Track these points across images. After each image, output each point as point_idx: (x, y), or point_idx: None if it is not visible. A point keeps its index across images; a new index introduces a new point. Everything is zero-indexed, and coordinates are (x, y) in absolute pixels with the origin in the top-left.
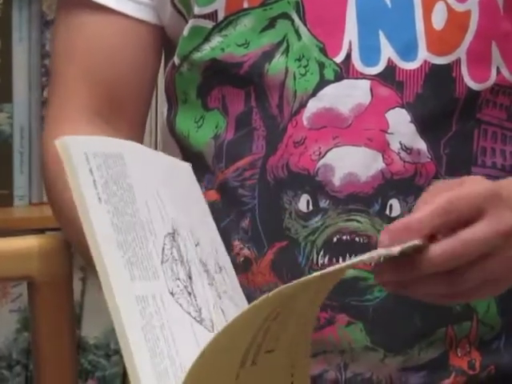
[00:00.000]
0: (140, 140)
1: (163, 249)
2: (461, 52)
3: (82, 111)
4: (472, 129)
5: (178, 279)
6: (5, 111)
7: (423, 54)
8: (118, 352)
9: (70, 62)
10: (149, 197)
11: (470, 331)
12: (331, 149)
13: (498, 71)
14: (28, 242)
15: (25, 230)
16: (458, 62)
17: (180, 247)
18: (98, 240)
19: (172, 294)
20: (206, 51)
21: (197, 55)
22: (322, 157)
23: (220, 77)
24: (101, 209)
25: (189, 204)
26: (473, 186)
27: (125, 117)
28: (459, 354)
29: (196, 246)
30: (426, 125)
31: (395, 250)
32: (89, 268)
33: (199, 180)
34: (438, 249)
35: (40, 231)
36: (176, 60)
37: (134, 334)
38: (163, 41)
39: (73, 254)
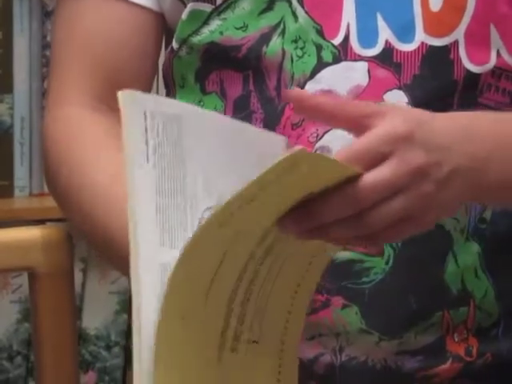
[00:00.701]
0: None
1: (200, 222)
2: (458, 34)
3: (82, 95)
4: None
5: None
6: (5, 102)
7: (420, 36)
8: (118, 343)
9: (70, 48)
10: (200, 166)
11: (467, 317)
12: (329, 131)
13: (499, 54)
14: (29, 233)
15: (25, 220)
16: (455, 43)
17: None
18: (136, 198)
19: None
20: (205, 35)
21: (196, 39)
22: (320, 138)
23: (218, 60)
24: (147, 169)
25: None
26: (381, 129)
27: None
28: (456, 340)
29: None
30: (423, 106)
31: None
32: (90, 259)
33: None
34: (338, 194)
35: (40, 222)
36: (174, 44)
37: (147, 301)
38: (163, 27)
39: (74, 245)
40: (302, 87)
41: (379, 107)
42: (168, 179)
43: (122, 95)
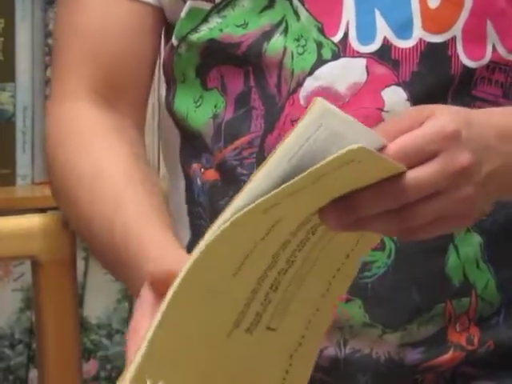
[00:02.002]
0: (141, 121)
1: None
2: (456, 30)
3: (82, 90)
4: (467, 105)
5: None
6: (7, 90)
7: (418, 33)
8: (119, 331)
9: (71, 43)
10: None
11: (469, 307)
12: None
13: (494, 49)
14: (32, 221)
15: (27, 209)
16: (453, 40)
17: None
18: (254, 188)
19: None
20: (204, 32)
21: (195, 36)
22: None
23: (218, 57)
24: (283, 165)
25: None
26: (429, 127)
27: (125, 97)
28: (458, 330)
29: None
30: (422, 103)
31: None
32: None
33: (198, 160)
34: (381, 189)
35: (42, 210)
36: (174, 41)
37: None
38: (163, 22)
39: (76, 234)
40: (302, 84)
41: (425, 109)
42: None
43: (318, 102)
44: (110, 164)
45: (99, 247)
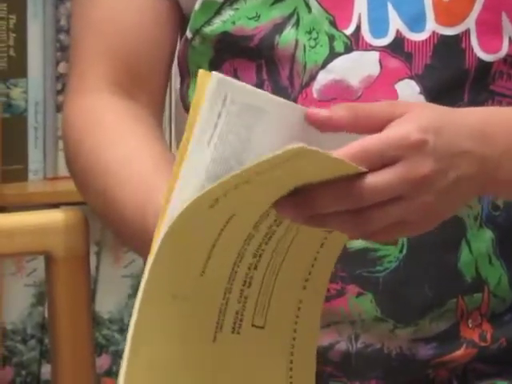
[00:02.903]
0: (160, 113)
1: None
2: (470, 23)
3: (102, 83)
4: (485, 101)
5: None
6: (19, 86)
7: (431, 26)
8: None
9: (88, 36)
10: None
11: (481, 303)
12: None
13: (511, 42)
14: (46, 216)
15: (39, 204)
16: (467, 32)
17: None
18: (185, 179)
19: None
20: (217, 25)
21: (208, 29)
22: None
23: (231, 50)
24: (203, 152)
25: None
26: (394, 132)
27: (144, 90)
28: (470, 326)
29: None
30: (435, 96)
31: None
32: (104, 243)
33: None
34: (338, 188)
35: (54, 206)
36: (188, 34)
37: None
38: (179, 15)
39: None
40: (314, 77)
41: (399, 107)
42: (222, 164)
43: (212, 76)
44: (136, 151)
45: (131, 233)
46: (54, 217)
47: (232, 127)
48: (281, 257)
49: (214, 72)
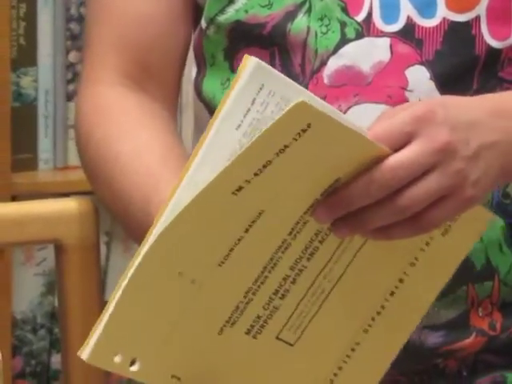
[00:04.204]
0: (173, 105)
1: None
2: (480, 9)
3: (114, 74)
4: (494, 87)
5: None
6: (29, 75)
7: (442, 12)
8: None
9: (103, 27)
10: None
11: (491, 291)
12: (352, 106)
13: None
14: (56, 205)
15: (49, 193)
16: (477, 19)
17: None
18: (202, 153)
19: None
20: (231, 13)
21: (222, 17)
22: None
23: (245, 39)
24: (232, 134)
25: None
26: (402, 113)
27: (156, 82)
28: (480, 314)
29: None
30: (445, 82)
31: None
32: (114, 233)
33: None
34: (365, 175)
35: (64, 195)
36: (203, 23)
37: None
38: (193, 6)
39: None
40: (325, 63)
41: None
42: None
43: (250, 60)
44: (146, 144)
45: (135, 225)
46: (65, 206)
47: (265, 119)
48: (331, 283)
49: (254, 57)
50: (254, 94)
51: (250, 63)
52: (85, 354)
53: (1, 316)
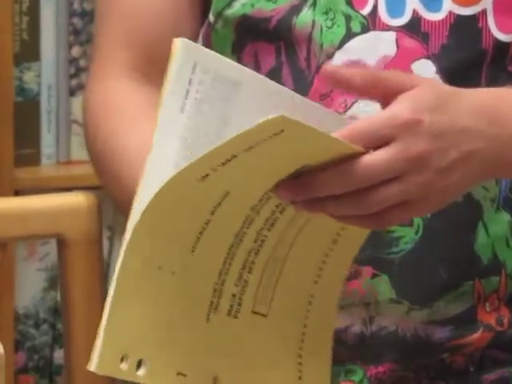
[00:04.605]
0: None
1: None
2: (486, 2)
3: (123, 68)
4: (503, 82)
5: None
6: (32, 70)
7: (448, 5)
8: None
9: (111, 23)
10: None
11: (498, 286)
12: (357, 101)
13: None
14: (59, 200)
15: (52, 188)
16: (483, 12)
17: None
18: (155, 143)
19: None
20: (237, 7)
21: (229, 12)
22: (348, 108)
23: (251, 33)
24: (178, 118)
25: None
26: (386, 112)
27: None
28: (488, 309)
29: None
30: (452, 76)
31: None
32: (117, 227)
33: None
34: (334, 170)
35: (67, 190)
36: (211, 18)
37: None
38: (201, 0)
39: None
40: (331, 57)
41: (412, 81)
42: (200, 135)
43: (178, 41)
44: None
45: None
46: (67, 200)
47: (206, 97)
48: (286, 247)
49: (181, 38)
50: (189, 73)
51: (178, 44)
52: (93, 365)
53: (3, 311)
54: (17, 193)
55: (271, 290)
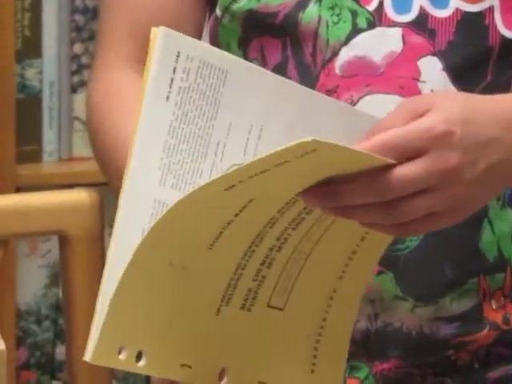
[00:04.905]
0: None
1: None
2: None
3: (127, 60)
4: (509, 79)
5: None
6: (34, 66)
7: (455, 2)
8: None
9: (116, 16)
10: (238, 122)
11: (503, 283)
12: (363, 96)
13: None
14: (61, 197)
15: (54, 185)
16: (490, 9)
17: None
18: (140, 131)
19: None
20: (243, 2)
21: (235, 6)
22: (354, 104)
23: (258, 28)
24: (164, 107)
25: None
26: (421, 123)
27: None
28: (494, 307)
29: None
30: (458, 73)
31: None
32: None
33: None
34: (366, 180)
35: (69, 187)
36: (218, 12)
37: (128, 231)
38: None
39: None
40: (337, 53)
41: (427, 100)
42: (189, 123)
43: (158, 30)
44: None
45: None
46: (69, 197)
47: (193, 85)
48: (311, 244)
49: (161, 26)
50: (173, 62)
51: (158, 33)
52: (87, 354)
53: (5, 307)
54: (18, 190)
55: (291, 284)
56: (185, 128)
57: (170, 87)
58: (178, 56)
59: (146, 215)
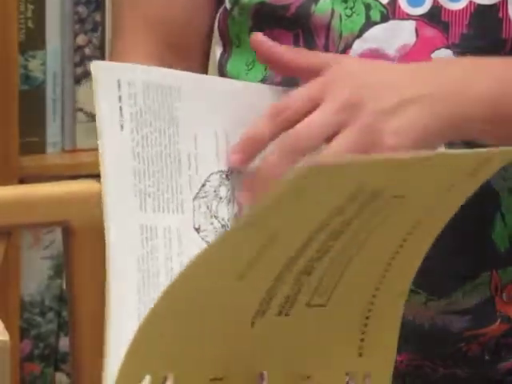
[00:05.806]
0: None
1: (203, 185)
2: None
3: (143, 56)
4: None
5: (215, 217)
6: (38, 58)
7: None
8: None
9: (129, 11)
10: (203, 132)
11: None
12: None
13: None
14: (64, 188)
15: (57, 176)
16: (504, 2)
17: (235, 188)
18: (106, 165)
19: (197, 230)
20: None
21: None
22: None
23: (269, 20)
24: (120, 136)
25: None
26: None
27: (184, 59)
28: (505, 300)
29: None
30: None
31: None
32: None
33: None
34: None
35: (72, 178)
36: (227, 4)
37: (122, 262)
38: None
39: None
40: (350, 46)
41: (326, 62)
42: (153, 145)
43: (93, 65)
44: None
45: None
46: (73, 188)
47: (144, 108)
48: (355, 248)
49: (95, 61)
50: (116, 91)
51: (92, 68)
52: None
53: (9, 299)
54: (22, 181)
55: (333, 283)
56: (150, 150)
57: (121, 115)
58: (119, 84)
59: (136, 242)
